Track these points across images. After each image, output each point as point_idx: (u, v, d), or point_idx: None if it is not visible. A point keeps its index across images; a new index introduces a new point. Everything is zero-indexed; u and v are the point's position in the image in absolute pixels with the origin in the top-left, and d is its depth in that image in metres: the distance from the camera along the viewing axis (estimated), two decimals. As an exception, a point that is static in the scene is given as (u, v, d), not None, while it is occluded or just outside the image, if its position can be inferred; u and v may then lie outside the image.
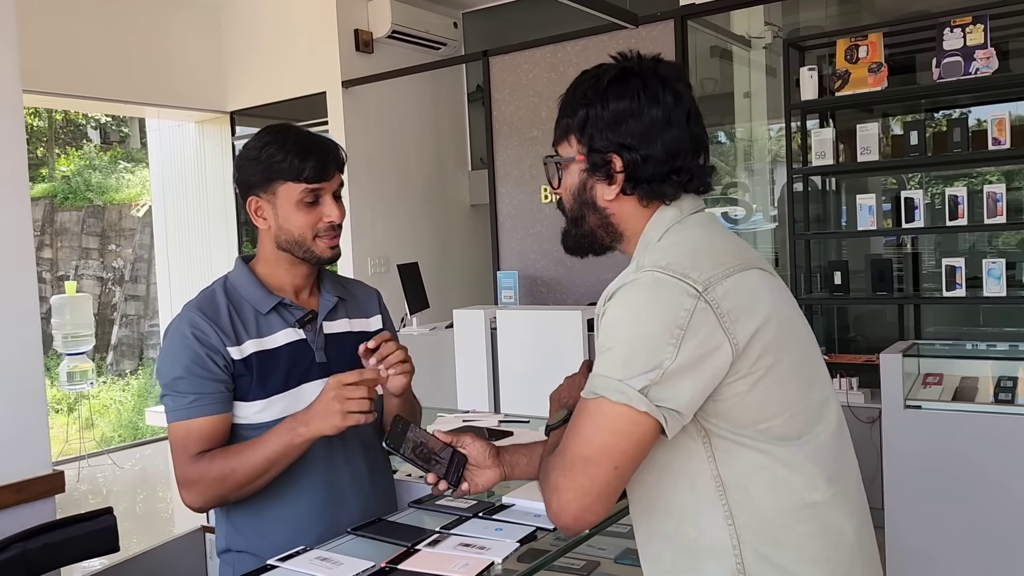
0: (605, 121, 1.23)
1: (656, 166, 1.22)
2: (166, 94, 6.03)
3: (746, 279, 1.14)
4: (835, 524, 1.18)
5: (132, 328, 13.67)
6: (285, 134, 1.61)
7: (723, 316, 1.09)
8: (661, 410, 1.08)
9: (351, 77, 5.75)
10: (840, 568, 1.17)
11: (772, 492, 1.15)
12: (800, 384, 1.18)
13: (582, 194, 1.28)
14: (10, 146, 2.30)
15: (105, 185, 14.26)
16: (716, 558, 1.16)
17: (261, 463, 1.55)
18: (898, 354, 3.36)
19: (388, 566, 1.43)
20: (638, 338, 1.09)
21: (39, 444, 2.25)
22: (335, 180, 1.63)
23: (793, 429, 1.15)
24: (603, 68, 1.28)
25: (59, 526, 1.99)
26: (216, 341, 1.59)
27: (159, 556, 2.35)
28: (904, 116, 5.03)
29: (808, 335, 1.25)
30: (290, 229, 1.62)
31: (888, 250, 5.14)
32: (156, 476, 6.25)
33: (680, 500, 1.18)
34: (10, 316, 2.27)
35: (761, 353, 1.11)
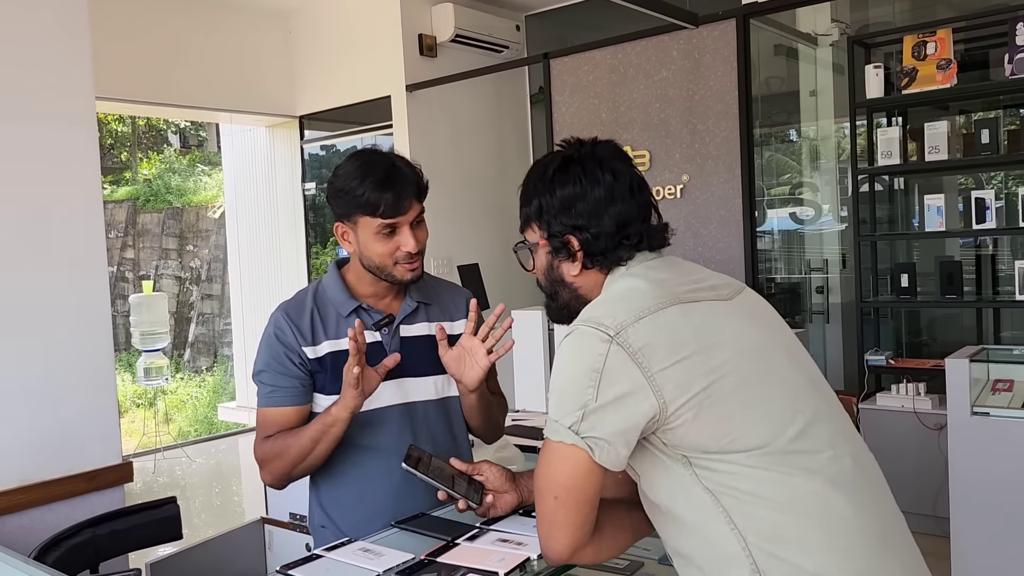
0: (556, 208, 1.36)
1: (607, 240, 1.35)
2: (238, 100, 6.24)
3: (661, 318, 1.23)
4: (837, 512, 1.19)
5: (208, 326, 14.11)
6: (366, 168, 1.69)
7: (635, 354, 1.19)
8: (586, 440, 1.20)
9: (415, 81, 5.85)
10: (855, 552, 1.18)
11: (759, 493, 1.19)
12: (754, 395, 1.23)
13: (551, 273, 1.42)
14: (85, 153, 2.43)
15: (184, 188, 14.76)
16: (735, 565, 1.19)
17: (307, 443, 1.70)
18: (965, 359, 3.26)
19: (427, 559, 1.47)
20: (566, 383, 1.24)
21: (110, 436, 2.37)
22: (411, 213, 1.70)
23: (759, 437, 1.20)
24: (549, 158, 1.42)
25: (126, 513, 2.10)
26: (293, 341, 1.74)
27: (221, 544, 2.45)
28: (975, 113, 4.86)
29: (770, 345, 1.30)
30: (371, 256, 1.72)
31: (964, 252, 4.98)
32: (229, 470, 6.45)
33: (687, 517, 1.24)
34: (83, 316, 2.39)
35: (691, 380, 1.19)
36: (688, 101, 4.89)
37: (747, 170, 4.68)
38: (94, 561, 2.01)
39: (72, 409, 2.32)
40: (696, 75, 4.85)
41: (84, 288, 2.39)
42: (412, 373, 1.78)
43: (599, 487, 1.25)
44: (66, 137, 2.40)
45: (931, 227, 4.02)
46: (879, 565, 1.20)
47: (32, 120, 2.34)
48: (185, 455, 6.10)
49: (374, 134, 6.60)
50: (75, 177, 2.41)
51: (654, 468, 1.26)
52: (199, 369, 13.82)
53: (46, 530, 2.14)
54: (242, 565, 2.46)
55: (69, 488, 2.23)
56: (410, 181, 1.70)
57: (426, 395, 1.81)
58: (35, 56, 2.34)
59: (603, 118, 5.22)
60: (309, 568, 1.48)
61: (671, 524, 1.27)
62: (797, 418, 1.24)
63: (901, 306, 4.63)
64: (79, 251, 2.40)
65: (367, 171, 1.68)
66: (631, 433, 1.21)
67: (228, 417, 7.91)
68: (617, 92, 5.16)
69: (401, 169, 1.71)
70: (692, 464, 1.22)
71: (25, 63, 2.32)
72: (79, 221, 2.40)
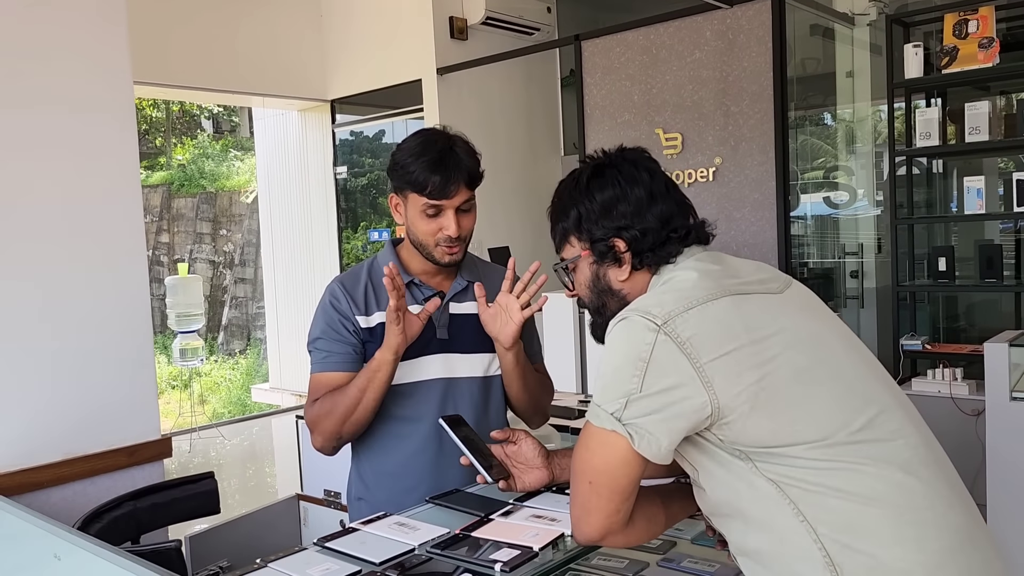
0: (596, 213, 1.36)
1: (654, 235, 1.34)
2: (271, 84, 6.28)
3: (710, 308, 1.22)
4: (911, 501, 1.17)
5: (241, 310, 14.29)
6: (424, 146, 1.75)
7: (683, 344, 1.18)
8: (627, 427, 1.18)
9: (446, 64, 5.84)
10: (931, 544, 1.15)
11: (829, 483, 1.16)
12: (812, 387, 1.20)
13: (597, 284, 1.40)
14: (123, 138, 2.47)
15: (217, 173, 14.92)
16: (805, 559, 1.17)
17: (355, 393, 1.74)
18: (1004, 344, 3.21)
19: (462, 533, 1.49)
20: (611, 371, 1.23)
21: (149, 412, 2.42)
22: (458, 198, 1.74)
23: (820, 429, 1.17)
24: (578, 171, 1.42)
25: (166, 487, 2.14)
26: (347, 309, 1.80)
27: (257, 519, 2.50)
28: (1017, 94, 4.75)
29: (825, 337, 1.28)
30: (415, 233, 1.79)
31: (1003, 236, 4.88)
32: (263, 450, 6.55)
33: (751, 511, 1.21)
34: (124, 295, 2.44)
35: (740, 372, 1.17)
36: (722, 83, 4.84)
37: (781, 153, 4.62)
38: (135, 533, 2.05)
39: (113, 387, 2.38)
40: (730, 56, 4.79)
41: (124, 270, 2.44)
42: (458, 349, 1.83)
43: (636, 477, 1.24)
44: (105, 122, 2.45)
45: (971, 210, 3.94)
46: (957, 557, 1.17)
47: (72, 106, 2.38)
48: (220, 435, 6.19)
49: (405, 118, 6.62)
50: (114, 161, 2.45)
51: (712, 462, 1.24)
52: (232, 352, 14.00)
53: (88, 502, 2.19)
54: (277, 540, 2.51)
55: (111, 462, 2.29)
56: (463, 167, 1.73)
57: (471, 372, 1.85)
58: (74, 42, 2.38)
59: (635, 100, 5.18)
60: (345, 541, 1.50)
61: (734, 521, 1.25)
62: (865, 408, 1.21)
63: (939, 290, 4.56)
64: (119, 234, 2.44)
65: (424, 150, 1.73)
66: (676, 424, 1.19)
67: (261, 399, 8.02)
68: (649, 74, 5.12)
69: (457, 153, 1.74)
70: (751, 459, 1.20)
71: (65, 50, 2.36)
72: (118, 205, 2.44)
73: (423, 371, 1.81)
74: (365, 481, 1.89)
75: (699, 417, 1.18)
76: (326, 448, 1.84)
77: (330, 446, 1.83)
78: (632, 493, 1.26)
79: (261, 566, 1.40)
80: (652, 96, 5.12)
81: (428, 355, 1.82)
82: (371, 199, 7.02)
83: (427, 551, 1.44)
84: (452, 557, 1.40)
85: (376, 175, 7.01)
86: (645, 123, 5.14)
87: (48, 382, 2.28)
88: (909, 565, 1.13)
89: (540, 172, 6.41)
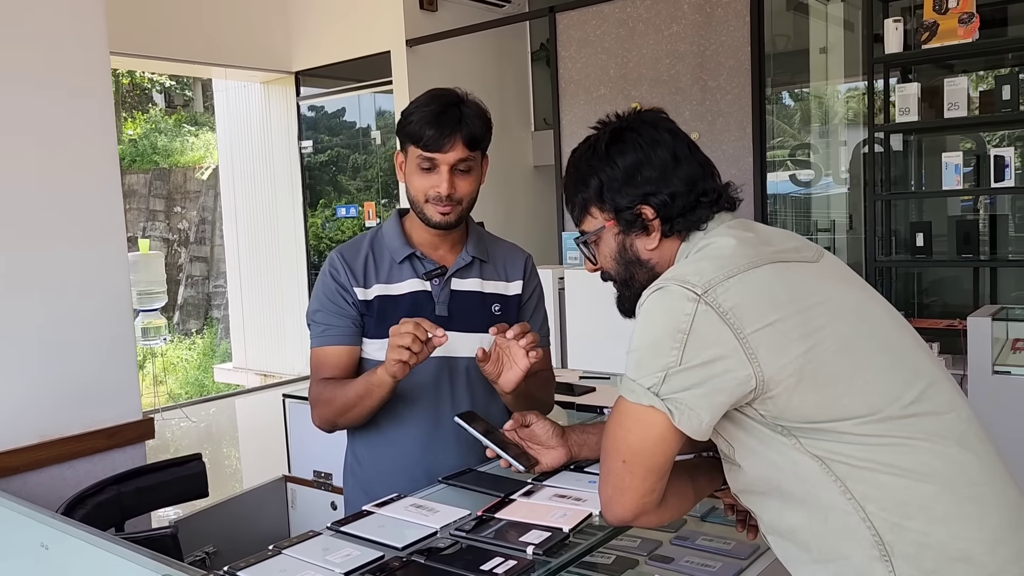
0: (620, 180, 1.29)
1: (683, 199, 1.27)
2: (233, 54, 6.07)
3: (751, 276, 1.16)
4: (967, 477, 1.13)
5: (197, 289, 13.99)
6: (430, 100, 1.67)
7: (726, 314, 1.12)
8: (666, 402, 1.13)
9: (415, 36, 5.71)
10: (988, 521, 1.11)
11: (880, 459, 1.11)
12: (861, 358, 1.15)
13: (624, 255, 1.33)
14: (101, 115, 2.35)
15: (170, 148, 14.54)
16: (851, 537, 1.12)
17: (351, 397, 1.68)
18: (987, 318, 3.24)
19: (485, 515, 1.42)
20: (647, 343, 1.16)
21: (129, 392, 2.30)
22: (453, 154, 1.65)
23: (871, 403, 1.12)
24: (593, 138, 1.34)
25: (152, 470, 2.04)
26: (346, 280, 1.74)
27: (243, 503, 2.41)
28: (992, 71, 4.80)
29: (869, 307, 1.23)
30: (410, 189, 1.72)
31: (967, 213, 4.94)
32: (230, 431, 6.42)
33: (793, 489, 1.16)
34: (102, 271, 2.33)
35: (787, 343, 1.11)
36: (699, 57, 4.80)
37: (759, 129, 4.61)
38: (119, 519, 1.95)
39: (91, 366, 2.25)
40: (707, 30, 4.75)
41: (102, 247, 2.32)
42: (458, 327, 1.74)
43: (672, 455, 1.18)
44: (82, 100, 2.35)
45: (949, 185, 3.97)
46: (1017, 534, 1.12)
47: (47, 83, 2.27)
48: (185, 416, 6.03)
49: (372, 91, 6.47)
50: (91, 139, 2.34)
51: (751, 439, 1.18)
52: (189, 332, 13.72)
53: (67, 487, 2.08)
54: (265, 523, 2.42)
55: (90, 445, 2.17)
56: (464, 123, 1.65)
57: (469, 351, 1.75)
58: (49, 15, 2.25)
59: (611, 74, 5.12)
60: (361, 524, 1.42)
61: (770, 499, 1.20)
62: (916, 381, 1.16)
63: (916, 266, 4.60)
64: (97, 212, 2.33)
65: (429, 102, 1.67)
66: (718, 399, 1.13)
67: (224, 379, 7.85)
68: (626, 47, 5.06)
69: (462, 110, 1.67)
70: (795, 435, 1.14)
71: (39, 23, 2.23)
72: (96, 183, 2.33)
73: None
74: (359, 458, 1.84)
75: (742, 391, 1.12)
76: (323, 429, 1.79)
77: (327, 429, 1.79)
78: (667, 471, 1.20)
79: (275, 553, 1.32)
80: (628, 70, 5.06)
81: None
82: (331, 176, 6.87)
83: (451, 534, 1.37)
84: (480, 540, 1.34)
85: (336, 152, 6.86)
86: (621, 97, 5.08)
87: (23, 362, 2.16)
88: (967, 543, 1.09)
89: (510, 147, 6.33)
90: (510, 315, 1.81)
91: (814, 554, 1.17)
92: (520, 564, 1.25)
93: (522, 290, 1.85)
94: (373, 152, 6.73)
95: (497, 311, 1.80)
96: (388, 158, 6.53)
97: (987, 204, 5.05)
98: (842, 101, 5.89)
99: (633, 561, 1.83)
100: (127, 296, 2.33)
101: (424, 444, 1.76)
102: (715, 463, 1.42)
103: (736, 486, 1.27)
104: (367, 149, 6.83)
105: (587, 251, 1.39)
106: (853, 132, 5.79)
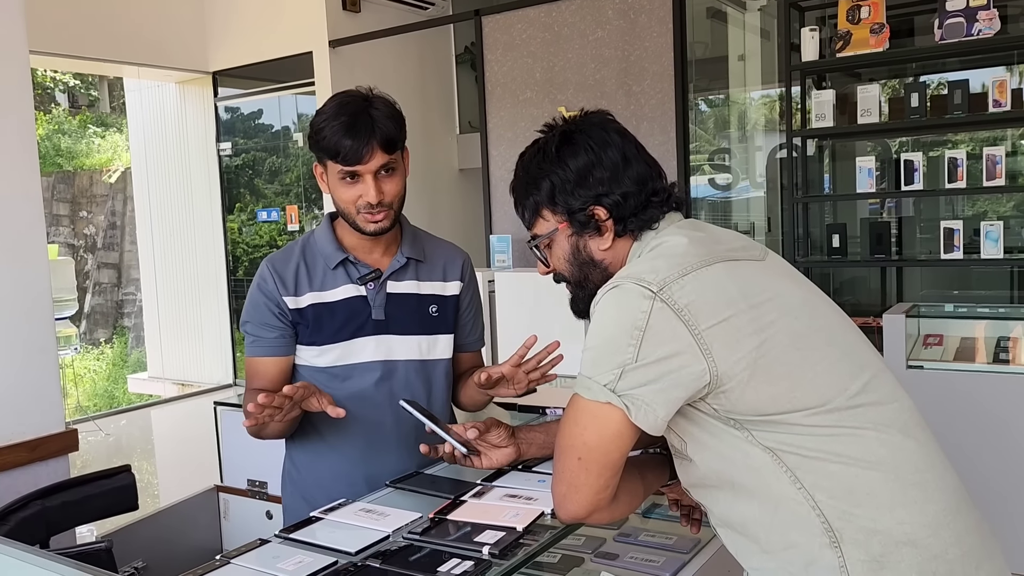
0: (572, 182, 1.30)
1: (635, 199, 1.30)
2: (146, 53, 5.86)
3: (705, 274, 1.18)
4: (911, 463, 1.17)
5: (105, 296, 13.46)
6: (338, 110, 1.63)
7: (681, 311, 1.14)
8: (623, 399, 1.14)
9: (338, 37, 5.63)
10: (931, 507, 1.15)
11: (829, 449, 1.15)
12: (810, 352, 1.19)
13: (578, 256, 1.34)
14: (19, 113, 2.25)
15: (75, 150, 13.95)
16: (800, 527, 1.15)
17: None
18: (901, 315, 3.38)
19: (437, 516, 1.41)
20: (604, 341, 1.17)
21: (52, 402, 2.18)
22: (374, 162, 1.62)
23: (820, 395, 1.16)
24: (543, 140, 1.35)
25: (78, 484, 1.95)
26: (274, 290, 1.70)
27: (173, 515, 2.32)
28: (896, 80, 5.02)
29: (815, 303, 1.27)
30: (337, 202, 1.69)
31: (876, 216, 5.15)
32: (148, 443, 6.18)
33: (744, 481, 1.19)
34: (22, 278, 2.21)
35: (739, 339, 1.14)
36: (623, 62, 4.87)
37: (682, 132, 4.70)
38: (44, 535, 1.85)
39: (9, 374, 2.13)
40: (632, 35, 4.83)
41: (22, 251, 2.21)
42: (395, 331, 1.74)
43: (627, 451, 1.19)
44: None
45: (862, 189, 4.13)
46: (955, 519, 1.17)
47: None
48: (99, 428, 5.79)
49: (294, 92, 6.35)
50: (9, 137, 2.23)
51: (703, 433, 1.20)
52: (97, 341, 13.19)
53: (-16, 505, 1.96)
54: (197, 535, 2.33)
55: (9, 459, 2.04)
56: (377, 129, 1.62)
57: (408, 355, 1.76)
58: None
59: (537, 78, 5.15)
60: (311, 531, 1.39)
61: (721, 492, 1.23)
62: (860, 373, 1.20)
63: (832, 266, 4.77)
64: (16, 213, 2.21)
65: (338, 113, 1.62)
66: (674, 394, 1.15)
67: (139, 389, 7.56)
68: (552, 52, 5.10)
69: (371, 115, 1.62)
70: (746, 428, 1.17)
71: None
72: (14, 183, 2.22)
73: (358, 353, 1.72)
74: (297, 464, 1.81)
75: (697, 386, 1.15)
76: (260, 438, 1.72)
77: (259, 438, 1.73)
78: (620, 467, 1.22)
79: (223, 563, 1.27)
80: (554, 74, 5.10)
81: (363, 336, 1.72)
82: (248, 179, 6.71)
83: (404, 537, 1.35)
84: (434, 542, 1.32)
85: (252, 156, 6.70)
86: (547, 101, 5.11)
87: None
88: (912, 528, 1.14)
89: (435, 151, 6.30)
90: (447, 316, 1.81)
91: (763, 544, 1.20)
92: (477, 565, 1.24)
93: (460, 291, 1.84)
94: (294, 155, 6.60)
95: (434, 312, 1.79)
96: (309, 162, 6.42)
97: (890, 208, 5.29)
98: (758, 107, 6.08)
99: (579, 559, 1.84)
100: (48, 303, 2.21)
101: (364, 448, 1.74)
102: (662, 460, 1.44)
103: (687, 480, 1.30)
104: (287, 152, 6.69)
105: (539, 254, 1.39)
106: (769, 137, 5.98)
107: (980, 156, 3.87)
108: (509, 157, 5.24)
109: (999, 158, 3.82)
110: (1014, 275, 5.06)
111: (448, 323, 1.80)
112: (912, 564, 1.12)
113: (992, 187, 3.86)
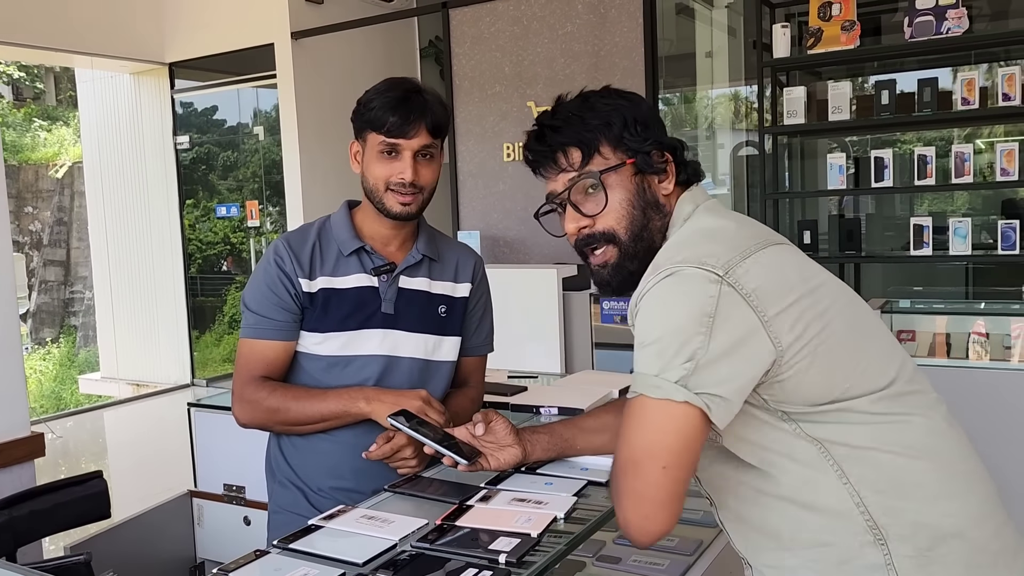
0: (642, 122, 1.24)
1: (681, 151, 1.27)
2: (98, 42, 5.67)
3: (765, 256, 1.12)
4: (957, 452, 1.14)
5: (52, 295, 13.05)
6: (389, 87, 1.63)
7: (749, 296, 1.06)
8: (701, 396, 1.04)
9: (300, 28, 5.50)
10: (975, 497, 1.13)
11: (875, 438, 1.11)
12: (862, 339, 1.15)
13: (643, 196, 1.24)
14: None
15: (20, 144, 13.50)
16: (840, 524, 1.10)
17: (314, 414, 1.63)
18: (876, 311, 3.40)
19: (445, 523, 1.34)
20: (668, 332, 1.06)
21: (16, 405, 2.06)
22: (417, 140, 1.61)
23: (874, 381, 1.12)
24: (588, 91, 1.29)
25: (46, 491, 1.83)
26: (291, 269, 1.65)
27: (144, 522, 2.21)
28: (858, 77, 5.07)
29: (848, 290, 1.23)
30: (369, 178, 1.65)
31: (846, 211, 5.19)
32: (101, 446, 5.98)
33: (782, 476, 1.13)
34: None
35: (805, 325, 1.08)
36: (594, 57, 4.83)
37: (653, 128, 4.68)
38: (11, 547, 1.73)
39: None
40: (602, 30, 4.79)
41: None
42: (402, 327, 1.69)
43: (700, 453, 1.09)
44: None
45: (833, 185, 4.16)
46: (996, 509, 1.14)
47: None
48: (50, 431, 5.57)
49: (254, 85, 6.19)
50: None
51: (743, 426, 1.12)
52: (43, 341, 12.78)
53: (-57, 516, 1.83)
54: (170, 544, 2.22)
55: (-29, 466, 1.93)
56: (426, 110, 1.61)
57: (412, 352, 1.71)
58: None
59: (506, 72, 5.09)
60: (312, 540, 1.31)
61: (745, 486, 1.17)
62: (906, 360, 1.17)
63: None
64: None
65: (388, 89, 1.62)
66: (745, 386, 1.07)
67: (91, 389, 7.32)
68: (520, 46, 5.04)
69: (422, 97, 1.62)
70: (795, 419, 1.11)
71: None
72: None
73: (363, 345, 1.67)
74: (286, 455, 1.73)
75: (761, 374, 1.07)
76: (246, 426, 1.69)
77: (252, 428, 1.69)
78: None
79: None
80: (524, 68, 5.05)
81: (370, 328, 1.67)
82: (203, 174, 6.53)
83: (413, 545, 1.28)
84: (446, 551, 1.25)
85: (207, 149, 6.53)
86: (516, 96, 5.06)
87: None
88: (958, 520, 1.10)
89: (400, 145, 6.19)
90: (456, 318, 1.76)
91: (785, 541, 1.15)
92: (495, 573, 1.18)
93: (470, 293, 1.80)
94: (253, 149, 6.44)
95: (443, 312, 1.75)
96: (268, 157, 6.26)
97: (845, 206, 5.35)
98: (721, 105, 6.09)
99: (580, 563, 1.79)
100: (12, 300, 2.09)
101: (358, 445, 1.63)
102: None
103: (711, 470, 1.22)
104: (246, 146, 6.53)
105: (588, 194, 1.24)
106: (735, 135, 6.00)
107: (949, 154, 3.92)
108: (477, 152, 5.17)
109: (967, 155, 3.87)
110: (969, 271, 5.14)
111: (456, 325, 1.76)
112: (960, 557, 1.09)
113: (961, 184, 3.91)
